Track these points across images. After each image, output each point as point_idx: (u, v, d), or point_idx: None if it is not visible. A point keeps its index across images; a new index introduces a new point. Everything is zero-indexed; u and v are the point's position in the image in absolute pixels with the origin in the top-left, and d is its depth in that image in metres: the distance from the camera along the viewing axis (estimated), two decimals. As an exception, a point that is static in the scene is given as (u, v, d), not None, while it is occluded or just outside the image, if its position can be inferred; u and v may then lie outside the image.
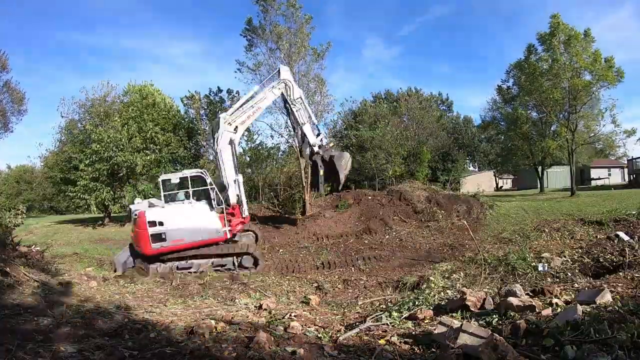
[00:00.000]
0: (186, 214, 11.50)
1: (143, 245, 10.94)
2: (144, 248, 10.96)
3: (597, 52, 18.89)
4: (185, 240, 11.33)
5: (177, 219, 11.22)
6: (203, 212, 11.71)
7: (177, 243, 11.23)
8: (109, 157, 18.84)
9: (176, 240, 11.20)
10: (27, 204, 31.69)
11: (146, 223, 10.82)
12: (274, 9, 18.83)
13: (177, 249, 11.36)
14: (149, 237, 10.83)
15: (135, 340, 4.20)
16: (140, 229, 10.89)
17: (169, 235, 11.04)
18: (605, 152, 39.04)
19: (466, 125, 41.67)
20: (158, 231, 10.90)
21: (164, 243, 11.04)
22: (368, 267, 12.39)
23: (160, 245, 11.01)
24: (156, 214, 11.09)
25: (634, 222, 11.37)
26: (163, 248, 11.07)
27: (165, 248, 11.11)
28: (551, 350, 3.41)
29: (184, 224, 11.25)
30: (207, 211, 11.77)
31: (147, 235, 10.82)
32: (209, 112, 25.54)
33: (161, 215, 11.10)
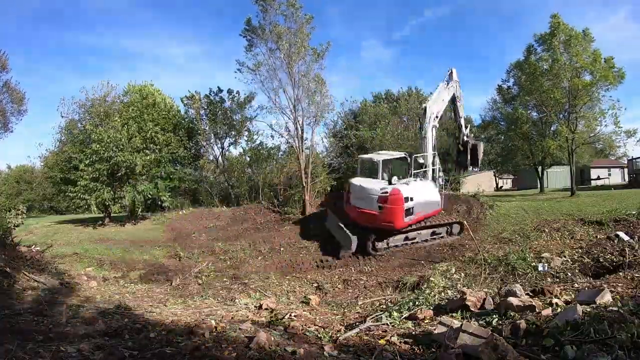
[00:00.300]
0: (422, 189, 12.98)
1: (396, 220, 11.99)
2: (396, 222, 12.03)
3: (597, 52, 18.85)
4: (421, 213, 12.79)
5: (418, 195, 12.56)
6: (432, 187, 13.53)
7: (419, 215, 12.68)
8: (109, 157, 18.82)
9: (419, 213, 12.63)
10: (27, 204, 31.66)
11: (402, 199, 11.88)
12: (274, 8, 18.81)
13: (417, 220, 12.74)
14: (403, 211, 11.95)
15: (135, 340, 4.20)
16: (395, 205, 11.85)
17: (415, 209, 12.41)
18: (605, 152, 39.05)
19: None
20: (409, 206, 12.12)
21: (412, 216, 12.36)
22: (368, 267, 12.39)
23: (409, 219, 12.32)
24: (407, 190, 12.22)
25: (634, 222, 11.36)
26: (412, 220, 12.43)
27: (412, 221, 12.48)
28: (551, 350, 3.41)
29: (423, 198, 12.78)
30: (433, 187, 13.61)
31: (403, 210, 11.91)
32: (209, 112, 25.52)
33: (410, 191, 12.29)
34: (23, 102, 23.38)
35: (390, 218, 11.98)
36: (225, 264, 13.44)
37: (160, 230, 18.62)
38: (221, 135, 25.84)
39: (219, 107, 25.36)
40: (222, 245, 15.05)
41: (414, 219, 12.50)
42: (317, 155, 26.34)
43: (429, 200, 13.13)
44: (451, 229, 13.53)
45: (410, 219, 12.30)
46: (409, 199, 12.12)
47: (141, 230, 18.96)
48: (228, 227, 18.38)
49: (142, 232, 18.32)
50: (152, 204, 21.40)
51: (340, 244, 13.47)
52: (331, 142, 35.94)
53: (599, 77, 18.49)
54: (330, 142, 35.93)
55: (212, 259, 13.80)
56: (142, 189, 19.90)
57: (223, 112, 25.23)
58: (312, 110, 20.37)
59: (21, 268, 8.78)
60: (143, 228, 19.40)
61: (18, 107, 23.24)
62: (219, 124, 25.09)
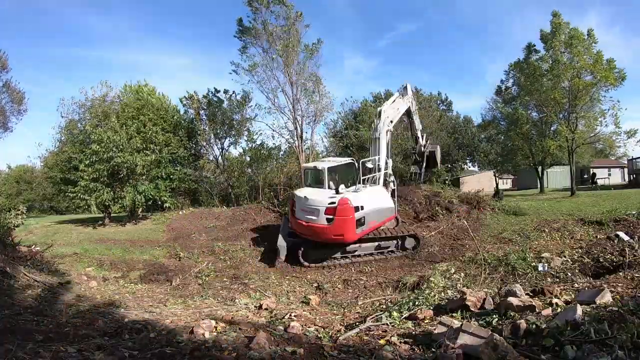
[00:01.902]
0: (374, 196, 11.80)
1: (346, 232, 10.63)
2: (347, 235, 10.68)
3: (599, 53, 18.86)
4: (375, 222, 11.58)
5: (370, 202, 11.34)
6: (383, 193, 12.42)
7: (372, 225, 11.42)
8: (109, 158, 18.84)
9: (371, 223, 11.37)
10: (27, 204, 31.66)
11: (352, 209, 10.53)
12: (263, 6, 18.80)
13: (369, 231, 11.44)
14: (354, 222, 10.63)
15: (135, 340, 4.20)
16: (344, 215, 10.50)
17: (367, 219, 11.12)
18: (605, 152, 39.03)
19: (466, 125, 41.63)
20: (360, 216, 10.86)
21: (364, 227, 11.07)
22: (368, 267, 12.38)
23: (361, 230, 11.01)
24: (357, 199, 10.95)
25: (634, 222, 11.36)
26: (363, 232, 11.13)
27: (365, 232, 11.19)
28: (551, 350, 3.40)
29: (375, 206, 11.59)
30: (385, 192, 12.51)
31: (354, 221, 10.60)
32: (209, 112, 25.53)
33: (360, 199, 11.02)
34: (23, 101, 23.40)
35: (341, 231, 10.63)
36: (225, 264, 13.42)
37: (161, 231, 18.61)
38: (221, 136, 25.84)
39: (218, 108, 25.38)
40: (222, 245, 15.04)
41: (367, 230, 11.27)
42: (317, 155, 26.32)
43: (382, 207, 12.00)
44: (403, 242, 12.00)
45: (362, 230, 11.04)
46: (359, 208, 10.87)
47: (141, 230, 18.95)
48: (228, 227, 18.37)
49: (142, 232, 18.33)
50: (153, 204, 21.41)
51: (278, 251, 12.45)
52: (331, 142, 35.95)
53: (600, 78, 18.50)
54: (330, 142, 35.93)
55: (212, 259, 13.79)
56: (143, 189, 19.90)
57: (222, 113, 25.24)
58: (311, 109, 20.40)
59: (21, 268, 8.77)
60: (143, 228, 19.39)
61: (18, 106, 23.24)
62: (219, 124, 25.10)
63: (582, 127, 20.30)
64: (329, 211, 10.69)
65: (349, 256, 11.79)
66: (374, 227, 11.66)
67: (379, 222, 11.86)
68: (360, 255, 11.81)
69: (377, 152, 12.85)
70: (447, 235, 13.95)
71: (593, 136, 20.88)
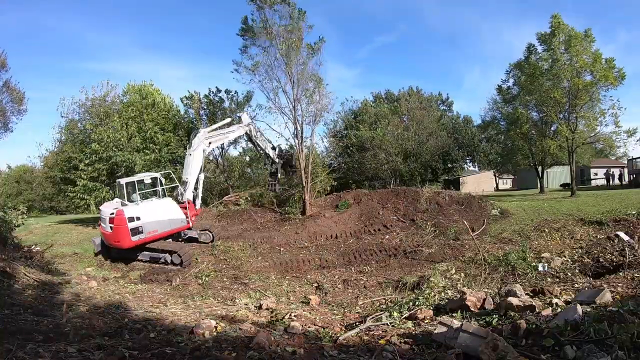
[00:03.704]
0: (156, 209, 13.18)
1: (122, 239, 12.06)
2: (123, 242, 12.09)
3: (597, 53, 18.84)
4: (157, 232, 12.94)
5: (149, 214, 12.78)
6: (171, 206, 13.77)
7: (153, 234, 12.79)
8: (109, 157, 18.83)
9: (151, 232, 12.76)
10: (27, 204, 31.63)
11: (125, 219, 12.00)
12: (267, 5, 18.79)
13: (152, 239, 12.80)
14: (128, 231, 12.04)
15: (135, 340, 4.20)
16: (119, 224, 11.99)
17: (145, 228, 12.53)
18: (605, 152, 38.98)
19: (466, 125, 41.61)
20: (134, 225, 12.23)
21: (141, 235, 12.44)
22: (368, 267, 12.39)
23: (138, 238, 12.35)
24: (133, 210, 12.39)
25: (634, 222, 11.36)
26: (140, 240, 12.43)
27: (143, 239, 12.51)
28: (551, 350, 3.41)
29: (157, 217, 12.97)
30: (173, 205, 13.86)
31: (127, 229, 12.01)
32: (209, 112, 25.50)
33: (137, 211, 12.49)
34: (23, 101, 23.31)
35: (117, 238, 12.10)
36: (225, 264, 13.43)
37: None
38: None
39: (219, 107, 25.36)
40: (222, 245, 15.05)
41: (146, 238, 12.52)
42: (317, 155, 26.32)
43: (166, 218, 13.32)
44: (171, 257, 12.85)
45: (139, 238, 12.31)
46: (135, 219, 12.23)
47: (141, 230, 18.91)
48: (228, 227, 18.37)
49: (142, 232, 18.29)
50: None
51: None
52: (331, 142, 35.98)
53: (599, 77, 18.48)
54: (330, 142, 35.96)
55: (212, 259, 13.80)
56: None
57: (223, 112, 25.21)
58: (311, 109, 20.36)
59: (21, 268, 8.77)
60: (143, 228, 19.35)
61: (18, 106, 23.18)
62: (219, 124, 25.11)
63: (582, 127, 20.28)
64: (111, 221, 12.20)
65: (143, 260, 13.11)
66: (158, 235, 13.00)
67: (165, 231, 13.30)
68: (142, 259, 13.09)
69: (190, 168, 14.51)
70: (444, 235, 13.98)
71: (593, 136, 20.85)
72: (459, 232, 13.91)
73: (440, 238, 13.97)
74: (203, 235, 15.17)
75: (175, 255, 12.75)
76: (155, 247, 12.96)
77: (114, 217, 12.04)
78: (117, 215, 11.98)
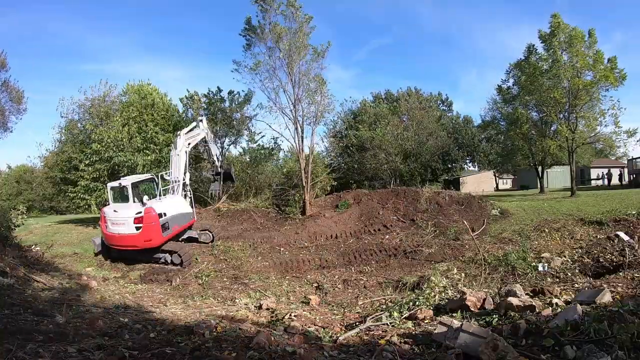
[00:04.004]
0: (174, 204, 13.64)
1: (154, 237, 12.02)
2: (155, 239, 12.05)
3: (599, 53, 18.83)
4: (176, 227, 13.25)
5: (171, 209, 13.15)
6: (182, 201, 14.50)
7: (175, 229, 13.10)
8: (109, 157, 18.82)
9: (174, 227, 13.07)
10: (27, 204, 31.64)
11: (157, 216, 12.09)
12: (274, 8, 18.80)
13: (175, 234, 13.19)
14: (160, 227, 12.14)
15: (135, 340, 4.20)
16: (151, 222, 11.97)
17: (170, 223, 12.84)
18: (605, 152, 38.96)
19: (466, 125, 41.60)
20: (163, 221, 12.44)
21: (168, 231, 12.64)
22: (368, 267, 12.39)
23: (167, 234, 12.53)
24: (160, 206, 12.60)
25: (634, 222, 11.36)
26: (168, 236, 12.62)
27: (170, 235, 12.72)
28: (551, 350, 3.41)
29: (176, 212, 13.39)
30: (183, 200, 14.53)
31: (159, 226, 12.11)
32: (209, 112, 25.46)
33: (163, 207, 12.78)
34: (22, 100, 23.32)
35: (149, 236, 12.00)
36: (225, 264, 13.43)
37: (160, 230, 18.59)
38: (221, 135, 25.77)
39: (219, 107, 25.32)
40: (222, 245, 15.05)
41: (171, 234, 12.92)
42: (317, 155, 26.31)
43: (182, 212, 13.96)
44: (171, 257, 12.83)
45: (167, 234, 12.62)
46: (163, 215, 12.52)
47: (141, 230, 18.91)
48: (228, 227, 18.37)
49: (142, 232, 18.29)
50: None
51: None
52: (331, 142, 35.97)
53: (600, 77, 18.47)
54: (330, 142, 35.95)
55: (212, 259, 13.80)
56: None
57: (223, 112, 25.19)
58: (312, 110, 20.36)
59: (21, 268, 8.77)
60: (143, 228, 19.35)
61: (17, 106, 23.18)
62: (219, 124, 25.04)
63: (582, 127, 20.28)
64: (137, 220, 12.01)
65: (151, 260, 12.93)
66: (178, 230, 13.51)
67: (182, 226, 13.88)
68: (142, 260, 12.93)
69: (177, 168, 15.11)
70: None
71: (593, 136, 20.85)
72: (459, 232, 13.91)
73: (440, 238, 13.97)
74: (203, 235, 15.34)
75: (175, 255, 12.73)
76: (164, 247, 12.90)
77: (144, 215, 11.91)
78: (148, 213, 11.96)
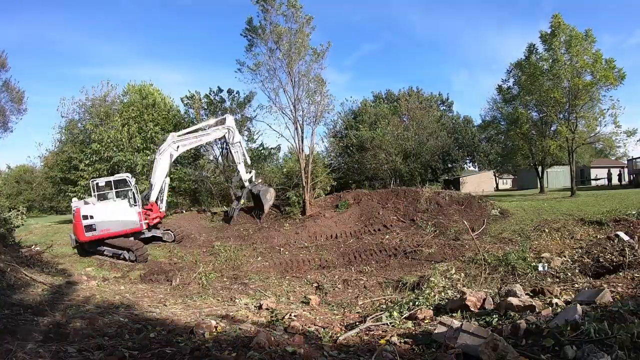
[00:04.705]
0: (110, 209, 14.10)
1: (78, 234, 13.44)
2: (79, 236, 13.45)
3: (598, 53, 18.83)
4: (110, 230, 13.92)
5: (102, 214, 13.79)
6: (125, 208, 14.51)
7: (105, 232, 13.82)
8: (109, 157, 18.85)
9: (104, 230, 13.80)
10: (27, 204, 31.65)
11: (80, 217, 13.33)
12: (274, 9, 18.81)
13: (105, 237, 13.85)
14: (83, 227, 13.29)
15: (135, 340, 4.20)
16: (76, 221, 13.43)
17: (98, 226, 13.64)
18: (605, 152, 38.94)
19: (466, 125, 41.60)
20: (88, 223, 13.44)
21: (94, 232, 13.57)
22: (368, 267, 12.39)
23: (92, 234, 13.53)
24: (88, 209, 13.61)
25: (634, 222, 11.35)
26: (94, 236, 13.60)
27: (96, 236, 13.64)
28: (551, 350, 3.41)
29: (109, 217, 13.93)
30: (127, 207, 14.54)
31: (82, 226, 13.29)
32: (209, 112, 25.48)
33: (92, 210, 13.65)
34: (22, 100, 23.32)
35: (75, 232, 13.66)
36: (225, 264, 13.44)
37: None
38: (221, 136, 25.80)
39: (219, 107, 25.33)
40: (221, 246, 15.05)
41: (98, 235, 13.67)
42: (317, 155, 26.31)
43: (117, 219, 14.22)
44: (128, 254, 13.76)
45: (92, 234, 13.52)
46: (89, 217, 13.47)
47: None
48: (228, 227, 18.38)
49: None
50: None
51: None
52: (331, 142, 35.98)
53: (599, 77, 18.48)
54: (330, 142, 35.97)
55: (212, 259, 13.80)
56: (143, 188, 19.91)
57: (223, 112, 25.20)
58: (312, 110, 20.35)
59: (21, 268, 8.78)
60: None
61: (17, 106, 23.19)
62: (219, 124, 25.07)
63: (582, 127, 20.28)
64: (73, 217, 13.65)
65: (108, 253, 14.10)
66: (110, 234, 13.99)
67: (116, 231, 14.19)
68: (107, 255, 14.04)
69: (155, 171, 15.23)
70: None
71: (593, 136, 20.85)
72: (459, 232, 13.91)
73: (440, 238, 13.97)
74: (166, 235, 16.01)
75: (130, 252, 13.58)
76: (114, 243, 13.94)
77: (74, 214, 13.56)
78: (75, 212, 13.48)
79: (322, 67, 20.18)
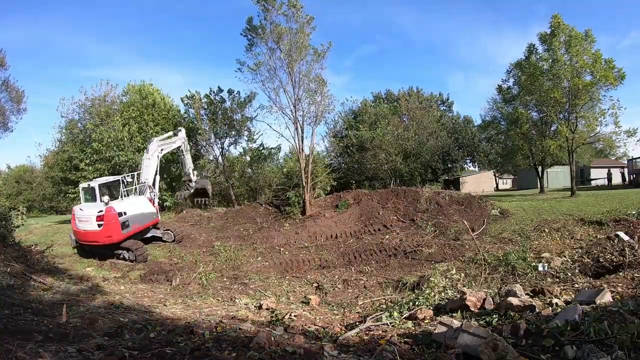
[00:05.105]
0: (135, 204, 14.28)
1: (114, 234, 12.86)
2: (114, 236, 12.91)
3: (598, 53, 18.84)
4: (137, 225, 13.94)
5: (132, 208, 13.85)
6: (145, 202, 14.99)
7: (135, 227, 13.84)
8: (110, 157, 18.85)
9: (134, 225, 13.81)
10: (27, 204, 31.65)
11: (116, 214, 12.92)
12: (275, 9, 18.82)
13: (136, 232, 13.90)
14: (120, 225, 12.97)
15: (135, 340, 4.20)
16: (111, 220, 12.81)
17: (130, 222, 13.59)
18: (605, 152, 38.93)
19: (466, 125, 41.59)
20: (123, 220, 13.23)
21: (128, 229, 13.42)
22: (368, 267, 12.39)
23: (127, 231, 13.33)
24: (120, 206, 13.40)
25: (634, 222, 11.34)
26: (128, 233, 13.41)
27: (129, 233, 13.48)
28: (551, 350, 3.41)
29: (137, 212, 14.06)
30: (146, 201, 15.05)
31: (119, 224, 12.94)
32: (210, 112, 25.47)
33: (123, 206, 13.54)
34: (22, 100, 23.34)
35: (109, 233, 12.90)
36: (225, 264, 13.44)
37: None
38: (221, 135, 25.79)
39: (219, 107, 25.33)
40: (221, 246, 15.05)
41: (131, 231, 13.56)
42: (317, 155, 26.31)
43: (143, 212, 14.54)
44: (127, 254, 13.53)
45: (127, 232, 13.33)
46: (123, 213, 13.28)
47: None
48: (228, 227, 18.38)
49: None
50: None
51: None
52: (331, 142, 35.97)
53: (599, 77, 18.48)
54: (331, 142, 35.95)
55: (212, 259, 13.80)
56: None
57: (223, 112, 25.20)
58: (312, 110, 20.36)
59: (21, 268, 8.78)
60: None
61: (17, 105, 23.20)
62: (219, 124, 25.06)
63: (582, 127, 20.29)
64: (99, 218, 12.84)
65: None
66: (139, 228, 14.12)
67: (143, 225, 14.50)
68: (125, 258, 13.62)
69: (147, 171, 15.74)
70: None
71: (593, 136, 20.85)
72: (459, 232, 13.91)
73: (440, 238, 13.97)
74: (166, 235, 16.16)
75: (130, 252, 13.40)
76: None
77: (105, 214, 12.81)
78: (109, 211, 12.84)
79: (322, 67, 20.22)
